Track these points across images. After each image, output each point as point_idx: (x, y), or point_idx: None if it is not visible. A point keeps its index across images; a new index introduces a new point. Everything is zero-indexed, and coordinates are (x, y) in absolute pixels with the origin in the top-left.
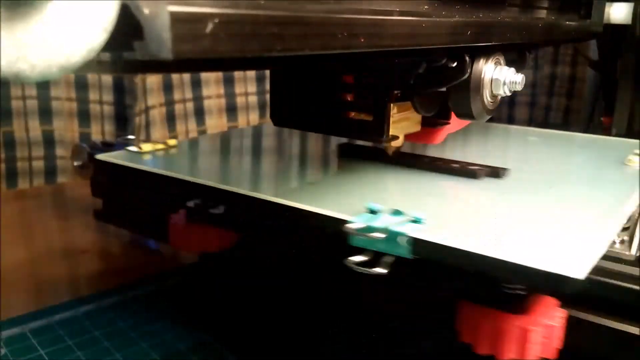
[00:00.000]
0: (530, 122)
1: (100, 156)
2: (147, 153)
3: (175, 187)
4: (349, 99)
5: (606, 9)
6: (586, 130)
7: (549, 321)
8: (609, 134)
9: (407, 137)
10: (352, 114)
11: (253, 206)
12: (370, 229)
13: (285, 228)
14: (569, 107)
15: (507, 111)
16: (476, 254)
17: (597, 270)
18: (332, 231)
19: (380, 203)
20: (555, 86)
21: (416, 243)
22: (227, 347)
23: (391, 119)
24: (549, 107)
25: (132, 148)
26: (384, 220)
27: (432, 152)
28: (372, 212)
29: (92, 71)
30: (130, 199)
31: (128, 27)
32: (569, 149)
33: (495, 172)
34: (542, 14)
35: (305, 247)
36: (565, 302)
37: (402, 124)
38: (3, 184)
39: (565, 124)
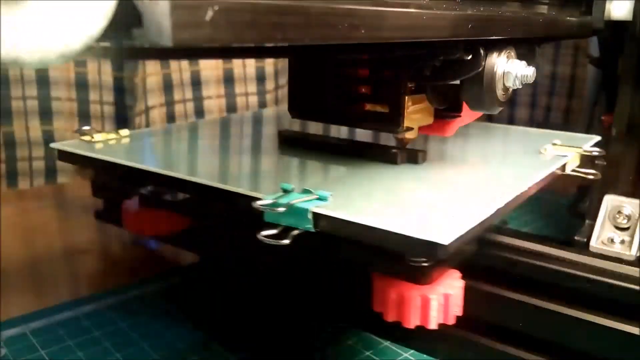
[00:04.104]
0: (531, 122)
1: (55, 145)
2: (99, 142)
3: (121, 174)
4: (366, 91)
5: (607, 5)
6: (587, 129)
7: (447, 290)
8: (609, 133)
9: (420, 129)
10: (369, 106)
11: (188, 189)
12: (276, 205)
13: (212, 208)
14: (569, 107)
15: (508, 111)
16: (360, 224)
17: (597, 270)
18: (248, 208)
19: (297, 184)
20: (555, 86)
21: (316, 217)
22: (227, 347)
23: (406, 111)
24: (549, 107)
25: (85, 137)
26: (292, 198)
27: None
28: (285, 191)
29: (91, 58)
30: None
31: (127, 14)
32: (495, 140)
33: (414, 157)
34: (543, 9)
35: (230, 225)
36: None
37: (416, 115)
38: (3, 184)
39: (565, 124)
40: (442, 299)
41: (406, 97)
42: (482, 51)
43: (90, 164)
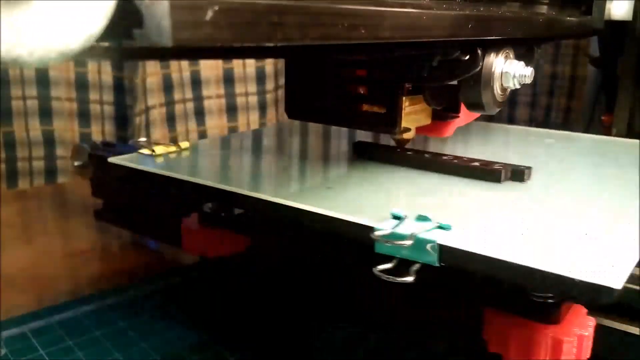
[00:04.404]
0: (531, 122)
1: (113, 159)
2: (159, 156)
3: (190, 191)
4: (362, 92)
5: (607, 5)
6: (587, 130)
7: (580, 331)
8: (609, 133)
9: (418, 129)
10: (365, 107)
11: (274, 211)
12: (397, 236)
13: (307, 233)
14: (569, 107)
15: (508, 111)
16: (511, 263)
17: None
18: (356, 238)
19: (400, 207)
20: (555, 86)
21: (444, 250)
22: (227, 347)
23: (403, 112)
24: (549, 107)
25: (145, 151)
26: (410, 227)
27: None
28: (396, 218)
29: (91, 58)
30: (142, 202)
31: (127, 14)
32: (589, 152)
33: (519, 174)
34: (543, 9)
35: (328, 252)
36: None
37: (413, 116)
38: (3, 184)
39: (565, 124)
40: (576, 341)
41: (403, 98)
42: (479, 51)
43: (153, 181)
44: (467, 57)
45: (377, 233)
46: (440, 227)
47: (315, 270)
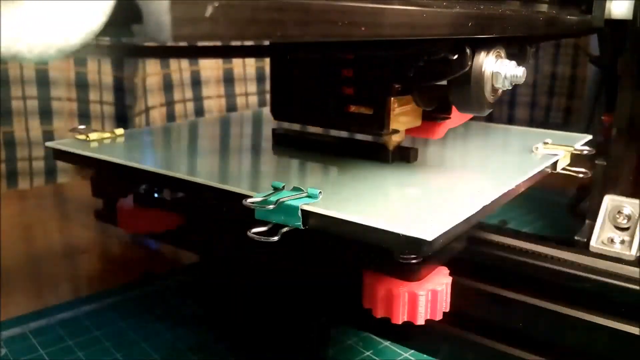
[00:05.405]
0: (531, 122)
1: (50, 143)
2: (94, 141)
3: (115, 172)
4: (350, 92)
5: (607, 4)
6: (587, 129)
7: (435, 286)
8: (610, 133)
9: (408, 131)
10: (353, 108)
11: (181, 187)
12: (265, 202)
13: (207, 206)
14: (569, 107)
15: (508, 111)
16: (347, 221)
17: (597, 270)
18: (240, 206)
19: (290, 183)
20: (555, 86)
21: (305, 214)
22: (227, 347)
23: (392, 113)
24: (549, 107)
25: (80, 136)
26: (281, 195)
27: None
28: (276, 189)
29: (90, 54)
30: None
31: (127, 9)
32: (491, 139)
33: (406, 155)
34: (543, 7)
35: (223, 223)
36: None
37: (403, 118)
38: (3, 184)
39: (565, 124)
40: (430, 295)
41: (392, 99)
42: (468, 50)
43: (84, 163)
44: (456, 57)
45: (249, 200)
46: (309, 196)
47: (308, 268)
